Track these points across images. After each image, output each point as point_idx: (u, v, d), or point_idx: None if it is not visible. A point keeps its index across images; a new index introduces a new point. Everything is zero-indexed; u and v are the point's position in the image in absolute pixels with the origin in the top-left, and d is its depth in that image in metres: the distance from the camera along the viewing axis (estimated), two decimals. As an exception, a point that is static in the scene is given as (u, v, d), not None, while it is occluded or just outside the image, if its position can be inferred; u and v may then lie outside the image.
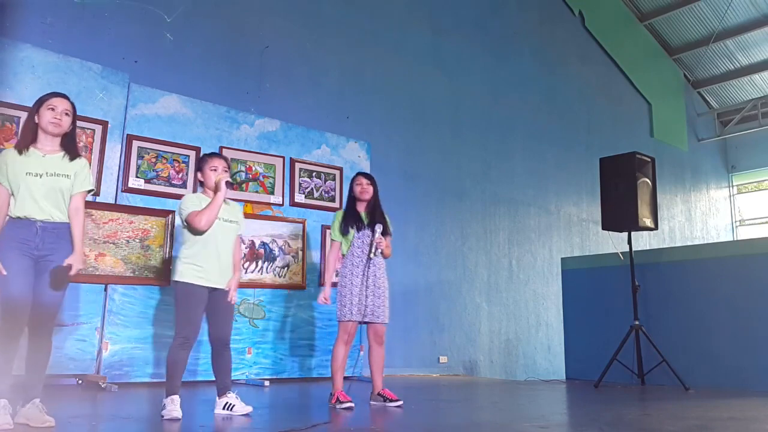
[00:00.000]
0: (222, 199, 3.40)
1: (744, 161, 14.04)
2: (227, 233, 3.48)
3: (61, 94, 3.06)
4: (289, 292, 5.69)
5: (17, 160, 2.90)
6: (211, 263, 3.37)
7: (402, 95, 7.93)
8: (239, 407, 3.36)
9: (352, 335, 3.92)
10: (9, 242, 2.80)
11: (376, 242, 3.94)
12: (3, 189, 2.87)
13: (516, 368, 8.59)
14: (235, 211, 3.60)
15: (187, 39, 6.14)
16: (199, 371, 4.92)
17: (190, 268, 3.34)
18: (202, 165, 3.53)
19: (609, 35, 11.42)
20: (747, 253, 5.59)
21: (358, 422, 3.39)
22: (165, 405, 3.18)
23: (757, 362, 5.32)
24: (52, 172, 2.94)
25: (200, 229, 3.34)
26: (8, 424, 2.67)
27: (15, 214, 2.86)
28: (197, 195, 3.53)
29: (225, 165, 3.51)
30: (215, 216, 3.38)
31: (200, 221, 3.32)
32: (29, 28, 5.07)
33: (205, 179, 3.49)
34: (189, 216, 3.36)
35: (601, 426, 3.17)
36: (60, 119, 2.97)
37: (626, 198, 5.71)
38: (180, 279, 3.34)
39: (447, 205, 8.21)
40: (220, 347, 3.44)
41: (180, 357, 3.28)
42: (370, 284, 3.93)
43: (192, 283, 3.32)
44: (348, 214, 4.07)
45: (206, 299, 3.36)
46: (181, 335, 3.28)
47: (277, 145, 5.92)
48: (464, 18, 8.91)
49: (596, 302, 6.55)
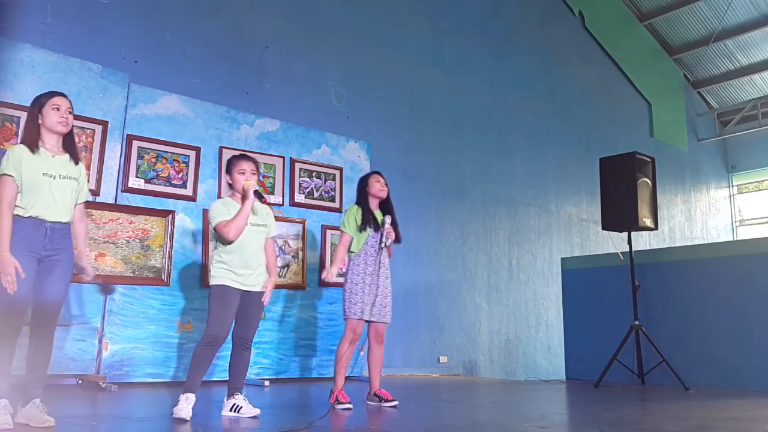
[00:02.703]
0: (249, 208, 3.39)
1: (744, 161, 14.04)
2: (256, 237, 3.48)
3: (60, 92, 3.07)
4: (289, 292, 5.68)
5: (32, 158, 2.89)
6: (243, 268, 3.39)
7: (402, 95, 7.93)
8: (246, 410, 3.35)
9: (358, 334, 3.91)
10: (17, 242, 2.79)
11: (386, 231, 3.93)
12: (14, 185, 2.84)
13: (516, 368, 8.59)
14: (264, 215, 3.58)
15: (187, 39, 6.14)
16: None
17: (225, 272, 3.37)
18: (231, 168, 3.52)
19: (609, 35, 11.42)
20: (747, 253, 5.59)
21: (358, 422, 3.40)
22: (179, 401, 3.17)
23: (757, 362, 5.32)
24: (65, 175, 2.97)
25: (229, 240, 3.37)
26: (8, 424, 2.67)
27: (26, 213, 2.84)
28: (224, 201, 3.53)
29: (253, 167, 3.50)
30: (243, 225, 3.38)
31: (229, 232, 3.35)
32: (29, 28, 5.07)
33: (234, 183, 3.49)
34: (218, 226, 3.39)
35: (601, 426, 3.17)
36: (66, 118, 2.99)
37: (626, 198, 5.71)
38: (215, 282, 3.38)
39: (447, 205, 8.21)
40: (241, 346, 3.46)
41: (206, 355, 3.29)
42: (380, 283, 3.94)
43: (226, 285, 3.36)
44: (366, 211, 4.03)
45: (238, 302, 3.38)
46: (210, 334, 3.29)
47: (277, 145, 5.92)
48: (464, 18, 8.91)
49: (596, 302, 6.55)
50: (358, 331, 3.91)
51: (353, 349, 3.94)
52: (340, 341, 3.94)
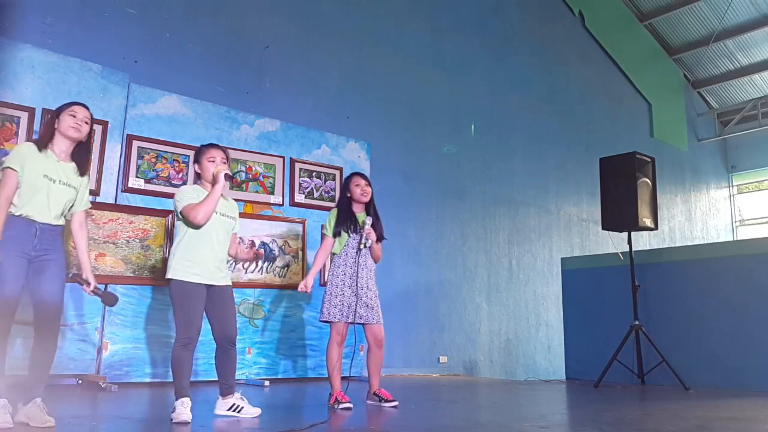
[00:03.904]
0: (219, 192, 3.25)
1: (744, 161, 14.03)
2: (223, 228, 3.36)
3: (81, 103, 3.12)
4: (289, 292, 5.68)
5: (37, 157, 2.91)
6: (205, 258, 3.24)
7: (402, 95, 7.93)
8: (248, 410, 3.30)
9: (344, 336, 3.90)
10: (7, 242, 2.79)
11: (365, 233, 3.89)
12: (16, 179, 2.85)
13: (516, 368, 8.59)
14: (232, 208, 3.49)
15: (187, 39, 6.14)
16: (199, 371, 4.92)
17: (184, 264, 3.20)
18: (199, 156, 3.38)
19: (609, 35, 11.42)
20: (747, 253, 5.59)
21: (358, 422, 3.40)
22: (175, 407, 3.07)
23: (757, 362, 5.32)
24: (65, 181, 2.98)
25: (197, 223, 3.19)
26: (8, 423, 2.67)
27: (18, 212, 2.85)
28: (194, 187, 3.40)
29: (223, 156, 3.38)
30: (213, 209, 3.23)
31: (197, 215, 3.17)
32: (29, 28, 5.07)
33: (203, 171, 3.34)
34: (185, 209, 3.21)
35: (601, 426, 3.17)
36: (80, 125, 3.01)
37: (626, 198, 5.71)
38: (173, 276, 3.20)
39: (447, 205, 8.21)
40: (226, 346, 3.32)
41: (185, 358, 3.15)
42: (361, 285, 3.87)
43: (187, 281, 3.20)
44: (342, 214, 3.98)
45: (204, 297, 3.24)
46: (183, 336, 3.14)
47: (277, 145, 5.92)
48: (464, 18, 8.91)
49: (596, 302, 6.54)
50: (343, 333, 3.88)
51: (341, 350, 3.90)
52: (327, 346, 3.91)
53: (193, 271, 3.22)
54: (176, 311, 3.22)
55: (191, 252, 3.24)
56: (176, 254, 3.25)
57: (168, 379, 4.83)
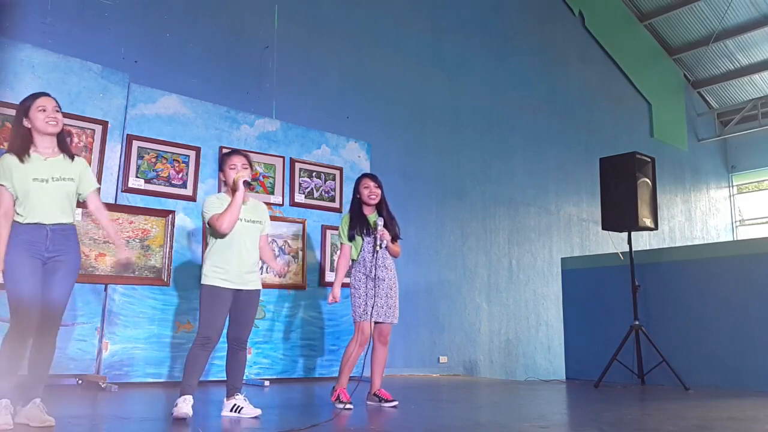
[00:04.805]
0: (240, 200, 3.36)
1: (744, 161, 14.04)
2: (250, 234, 3.46)
3: (43, 93, 3.02)
4: (289, 292, 5.68)
5: (20, 166, 2.87)
6: (233, 265, 3.36)
7: (402, 95, 7.93)
8: (248, 410, 3.33)
9: (367, 336, 3.89)
10: (20, 245, 2.80)
11: (379, 234, 3.91)
12: (9, 194, 2.85)
13: (516, 368, 8.59)
14: (258, 211, 3.55)
15: (187, 39, 6.14)
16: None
17: (214, 270, 3.34)
18: (222, 164, 3.51)
19: (609, 35, 11.42)
20: (747, 253, 5.59)
21: (358, 422, 3.40)
22: (177, 403, 3.14)
23: (757, 362, 5.32)
24: (58, 177, 2.94)
25: (222, 232, 3.33)
26: (8, 425, 2.67)
27: (25, 221, 2.85)
28: (218, 196, 3.53)
29: (244, 162, 3.48)
30: (236, 218, 3.36)
31: (222, 224, 3.31)
32: (29, 28, 5.07)
33: (226, 178, 3.47)
34: (211, 219, 3.36)
35: (601, 426, 3.17)
36: (55, 116, 2.95)
37: (626, 198, 5.71)
38: (205, 282, 3.35)
39: (447, 205, 8.21)
40: (236, 347, 3.44)
41: (200, 357, 3.27)
42: (381, 285, 3.91)
43: (216, 285, 3.33)
44: (355, 219, 4.01)
45: (230, 301, 3.36)
46: (203, 335, 3.27)
47: (277, 145, 5.92)
48: (464, 18, 8.91)
49: (596, 302, 6.54)
50: (367, 333, 3.88)
51: (361, 351, 3.90)
52: (349, 342, 3.95)
53: (222, 277, 3.35)
54: (202, 312, 3.35)
55: (220, 259, 3.37)
56: (207, 261, 3.41)
57: (168, 379, 4.84)
